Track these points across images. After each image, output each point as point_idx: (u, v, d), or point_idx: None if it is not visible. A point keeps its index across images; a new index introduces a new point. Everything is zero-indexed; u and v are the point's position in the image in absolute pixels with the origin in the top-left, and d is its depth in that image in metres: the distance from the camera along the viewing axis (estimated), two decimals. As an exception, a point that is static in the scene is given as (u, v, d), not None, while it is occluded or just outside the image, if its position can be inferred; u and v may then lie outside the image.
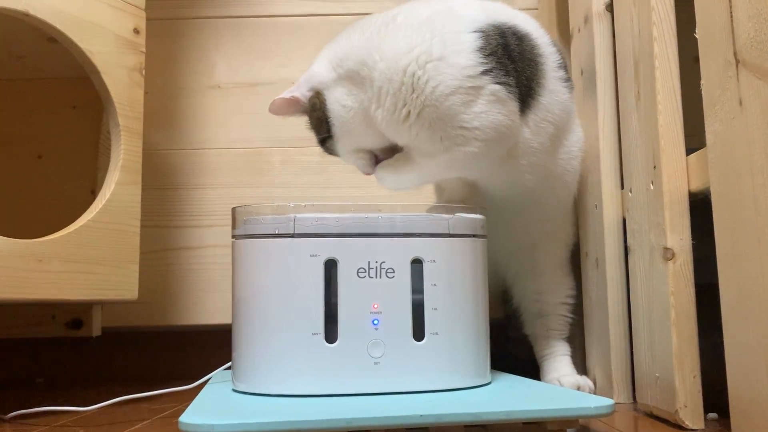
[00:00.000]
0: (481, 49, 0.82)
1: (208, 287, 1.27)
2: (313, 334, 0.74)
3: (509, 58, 0.85)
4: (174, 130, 1.31)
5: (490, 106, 0.82)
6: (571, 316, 1.04)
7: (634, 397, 0.89)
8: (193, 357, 1.27)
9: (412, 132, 0.85)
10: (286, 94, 0.93)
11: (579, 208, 1.03)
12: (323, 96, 0.90)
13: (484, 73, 0.82)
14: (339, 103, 0.89)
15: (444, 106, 0.82)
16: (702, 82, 0.66)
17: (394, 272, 0.76)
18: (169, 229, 1.28)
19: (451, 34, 0.84)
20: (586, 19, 1.01)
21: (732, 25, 0.60)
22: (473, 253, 0.81)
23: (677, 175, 0.75)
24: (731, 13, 0.61)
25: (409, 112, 0.84)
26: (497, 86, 0.82)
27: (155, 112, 1.26)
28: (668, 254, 0.74)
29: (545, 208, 1.00)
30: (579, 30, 1.05)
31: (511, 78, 0.84)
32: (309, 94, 0.92)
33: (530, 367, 1.03)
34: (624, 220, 0.92)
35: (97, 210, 0.92)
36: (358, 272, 0.75)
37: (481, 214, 0.83)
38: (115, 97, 0.95)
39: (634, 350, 0.85)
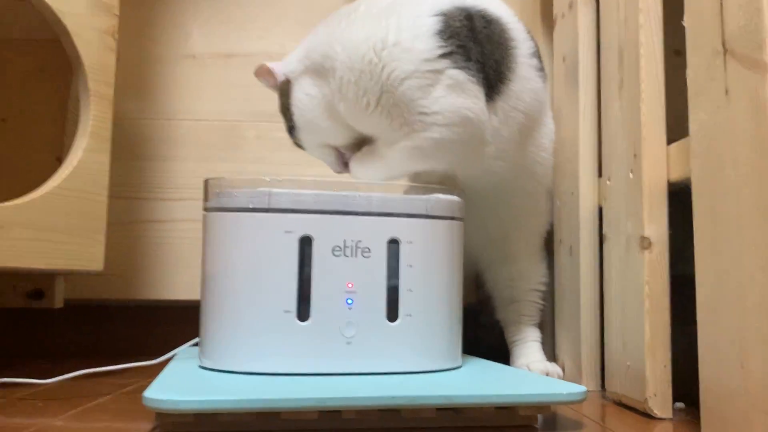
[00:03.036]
0: (440, 33, 0.81)
1: (177, 262, 1.24)
2: (285, 311, 0.72)
3: (474, 40, 0.83)
4: (146, 98, 1.27)
5: (449, 90, 0.80)
6: (543, 302, 1.04)
7: (603, 386, 0.90)
8: (158, 332, 1.25)
9: (374, 121, 0.84)
10: (272, 65, 0.94)
11: (555, 197, 1.03)
12: (291, 85, 0.91)
13: (443, 56, 0.80)
14: (303, 92, 0.89)
15: (399, 91, 0.81)
16: (687, 71, 0.65)
17: (370, 252, 0.74)
18: (138, 200, 1.25)
19: (409, 19, 0.83)
20: (571, 5, 1.00)
21: (722, 13, 0.60)
22: (450, 235, 0.80)
23: (658, 164, 0.75)
24: (721, 1, 0.60)
25: (369, 100, 0.83)
26: (457, 70, 0.80)
27: (127, 80, 1.23)
28: (645, 243, 0.74)
29: (516, 199, 0.99)
30: (563, 16, 1.04)
31: (475, 62, 0.82)
32: (282, 77, 0.93)
33: (500, 354, 1.03)
34: (600, 209, 0.92)
35: (63, 177, 0.88)
36: (333, 250, 0.74)
37: (458, 196, 0.82)
38: (86, 60, 0.92)
39: (605, 339, 0.85)
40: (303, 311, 0.72)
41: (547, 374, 0.94)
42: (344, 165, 0.94)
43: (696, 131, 0.64)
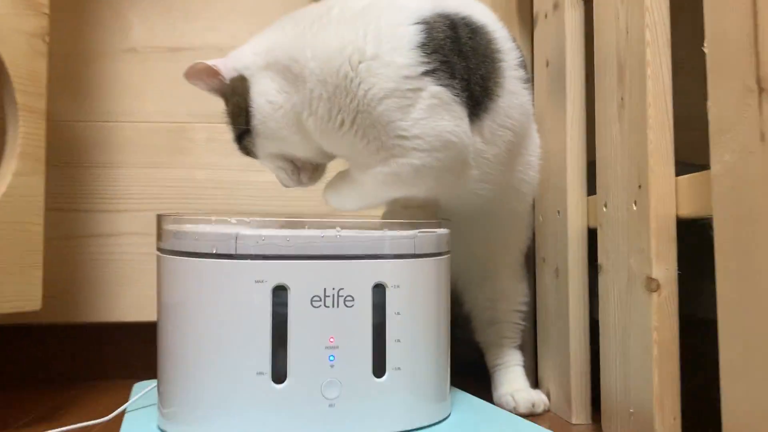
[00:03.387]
0: (423, 46, 0.72)
1: (121, 281, 1.12)
2: (258, 373, 0.63)
3: (459, 54, 0.74)
4: (82, 98, 1.13)
5: (431, 111, 0.72)
6: (524, 323, 0.98)
7: (592, 419, 0.85)
8: (101, 357, 1.14)
9: (347, 141, 0.75)
10: (210, 61, 0.82)
11: (537, 211, 0.96)
12: (247, 82, 0.80)
13: (426, 73, 0.72)
14: (265, 96, 0.78)
15: (377, 111, 0.72)
16: (709, 104, 0.59)
17: (353, 300, 0.66)
18: (76, 213, 1.12)
19: (388, 28, 0.73)
20: (556, 6, 0.92)
21: (756, 45, 0.53)
22: (438, 273, 0.72)
23: (666, 198, 0.68)
24: (756, 26, 0.53)
25: (343, 119, 0.74)
26: (440, 88, 0.72)
27: (60, 78, 1.09)
28: (652, 285, 0.68)
29: (500, 219, 0.92)
30: (546, 16, 0.96)
31: (459, 79, 0.73)
32: (234, 74, 0.81)
33: (478, 370, 0.97)
34: (588, 229, 0.87)
35: (-12, 208, 0.76)
36: (312, 301, 0.65)
37: (445, 226, 0.75)
38: (12, 69, 0.79)
39: (601, 376, 0.79)
40: (279, 372, 0.64)
41: (533, 405, 0.89)
42: (298, 180, 0.85)
43: (720, 173, 0.57)
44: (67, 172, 1.12)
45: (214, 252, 0.65)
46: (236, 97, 0.80)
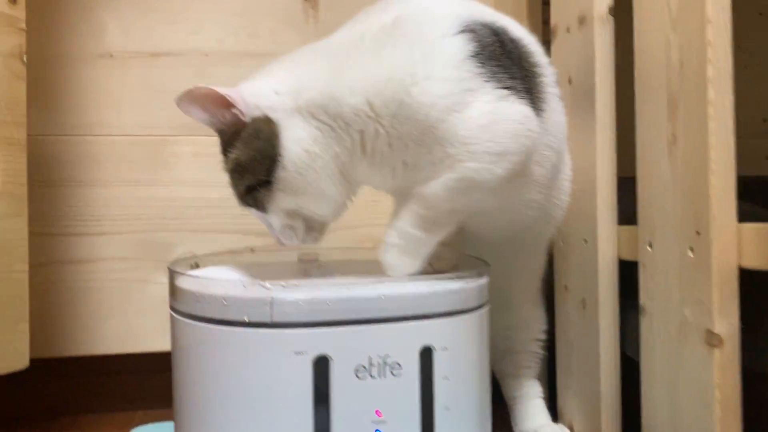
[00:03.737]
0: (476, 54, 0.66)
1: (100, 311, 1.03)
2: (300, 456, 0.57)
3: (509, 59, 0.69)
4: (52, 109, 1.02)
5: (498, 114, 0.66)
6: (543, 352, 0.94)
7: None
8: (80, 393, 1.05)
9: (406, 170, 0.68)
10: (221, 89, 0.68)
11: (559, 237, 0.91)
12: (276, 126, 0.68)
13: (486, 80, 0.66)
14: (301, 145, 0.67)
15: (442, 128, 0.65)
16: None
17: (400, 368, 0.60)
18: (50, 236, 1.01)
19: (433, 42, 0.66)
20: (582, 20, 0.87)
21: None
22: (481, 328, 0.67)
23: (729, 248, 0.64)
24: None
25: (406, 144, 0.66)
26: (504, 91, 0.66)
27: (28, 86, 0.97)
28: (714, 340, 0.64)
29: (525, 245, 0.87)
30: (568, 30, 0.90)
31: (518, 81, 0.68)
32: (256, 112, 0.69)
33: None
34: (621, 261, 0.82)
35: (-32, 259, 0.67)
36: (356, 371, 0.59)
37: (486, 273, 0.69)
38: (-13, 97, 0.69)
39: (643, 422, 0.76)
40: (323, 454, 0.57)
41: (560, 443, 0.85)
42: (305, 239, 0.74)
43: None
44: (39, 192, 1.01)
45: (246, 320, 0.57)
46: (259, 142, 0.68)
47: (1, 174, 0.69)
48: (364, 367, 0.59)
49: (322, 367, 0.58)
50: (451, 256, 0.78)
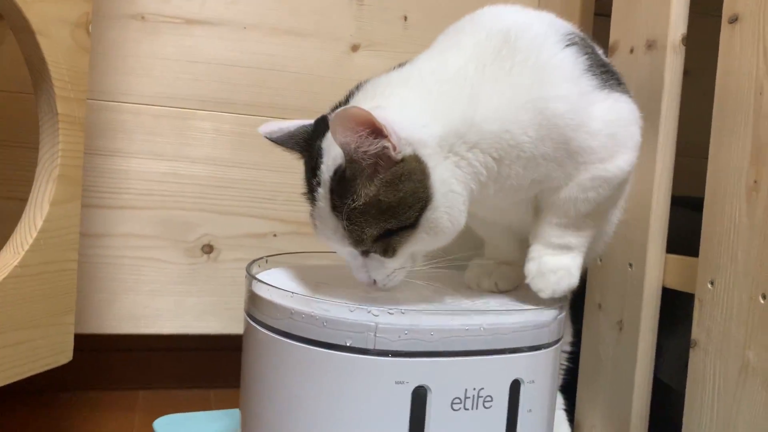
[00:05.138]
0: (590, 67, 0.67)
1: (115, 287, 0.98)
2: (392, 487, 0.55)
3: (604, 63, 0.71)
4: (74, 70, 0.94)
5: (618, 114, 0.69)
6: (569, 364, 0.95)
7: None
8: (82, 368, 1.00)
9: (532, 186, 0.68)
10: (378, 116, 0.57)
11: (600, 258, 0.92)
12: (425, 166, 0.61)
13: (602, 89, 0.68)
14: (449, 186, 0.62)
15: (574, 144, 0.66)
16: None
17: (492, 400, 0.59)
18: (62, 207, 0.95)
19: (546, 62, 0.66)
20: (651, 45, 0.86)
21: None
22: (556, 361, 0.67)
23: (806, 301, 0.66)
24: None
25: (537, 164, 0.66)
26: (615, 93, 0.69)
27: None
28: (781, 388, 0.66)
29: None
30: (632, 51, 0.90)
31: (617, 80, 0.71)
32: (408, 150, 0.60)
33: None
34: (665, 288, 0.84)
35: (24, 249, 0.61)
36: (452, 403, 0.57)
37: (565, 307, 0.69)
38: (54, 69, 0.62)
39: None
40: (415, 485, 0.56)
41: (584, 459, 0.87)
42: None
43: None
44: (53, 157, 0.94)
45: (348, 344, 0.55)
46: (411, 184, 0.59)
47: (62, 154, 0.63)
48: (460, 399, 0.57)
49: (420, 397, 0.56)
50: (515, 276, 0.77)
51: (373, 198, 0.59)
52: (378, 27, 1.06)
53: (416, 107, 0.62)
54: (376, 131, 0.57)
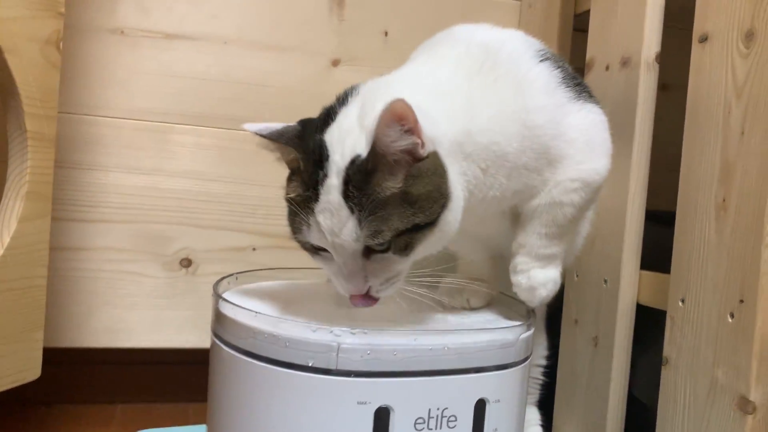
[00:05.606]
0: (564, 79, 0.70)
1: (92, 301, 0.98)
2: None
3: (574, 75, 0.73)
4: (53, 84, 0.95)
5: (593, 125, 0.72)
6: (544, 379, 0.95)
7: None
8: (59, 382, 1.00)
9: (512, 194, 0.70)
10: (421, 116, 0.58)
11: (574, 270, 0.92)
12: (441, 162, 0.61)
13: (575, 99, 0.71)
14: (456, 189, 0.63)
15: (553, 152, 0.68)
16: None
17: (456, 420, 0.59)
18: (40, 221, 0.95)
19: (524, 75, 0.68)
20: (626, 62, 0.87)
21: None
22: (523, 380, 0.67)
23: (772, 319, 0.66)
24: None
25: (519, 173, 0.68)
26: (591, 104, 0.72)
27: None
28: (749, 407, 0.66)
29: None
30: (607, 68, 0.90)
31: (588, 92, 0.74)
32: (431, 147, 0.61)
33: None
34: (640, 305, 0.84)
35: (-11, 267, 0.61)
36: (415, 424, 0.57)
37: (533, 324, 0.69)
38: (23, 87, 0.62)
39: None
40: (376, 507, 0.56)
41: (559, 475, 0.87)
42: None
43: None
44: (31, 171, 0.94)
45: (310, 365, 0.55)
46: (437, 179, 0.60)
47: (30, 171, 0.63)
48: (423, 419, 0.57)
49: (383, 418, 0.56)
50: (487, 292, 0.77)
51: (400, 190, 0.58)
52: (358, 42, 1.06)
53: (426, 108, 0.61)
54: (412, 127, 0.58)
